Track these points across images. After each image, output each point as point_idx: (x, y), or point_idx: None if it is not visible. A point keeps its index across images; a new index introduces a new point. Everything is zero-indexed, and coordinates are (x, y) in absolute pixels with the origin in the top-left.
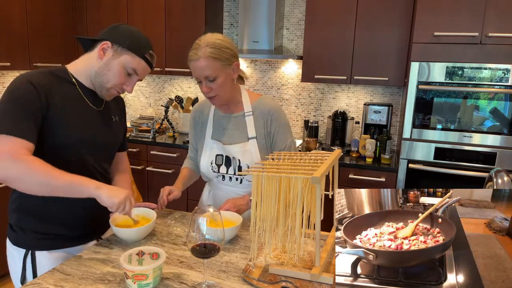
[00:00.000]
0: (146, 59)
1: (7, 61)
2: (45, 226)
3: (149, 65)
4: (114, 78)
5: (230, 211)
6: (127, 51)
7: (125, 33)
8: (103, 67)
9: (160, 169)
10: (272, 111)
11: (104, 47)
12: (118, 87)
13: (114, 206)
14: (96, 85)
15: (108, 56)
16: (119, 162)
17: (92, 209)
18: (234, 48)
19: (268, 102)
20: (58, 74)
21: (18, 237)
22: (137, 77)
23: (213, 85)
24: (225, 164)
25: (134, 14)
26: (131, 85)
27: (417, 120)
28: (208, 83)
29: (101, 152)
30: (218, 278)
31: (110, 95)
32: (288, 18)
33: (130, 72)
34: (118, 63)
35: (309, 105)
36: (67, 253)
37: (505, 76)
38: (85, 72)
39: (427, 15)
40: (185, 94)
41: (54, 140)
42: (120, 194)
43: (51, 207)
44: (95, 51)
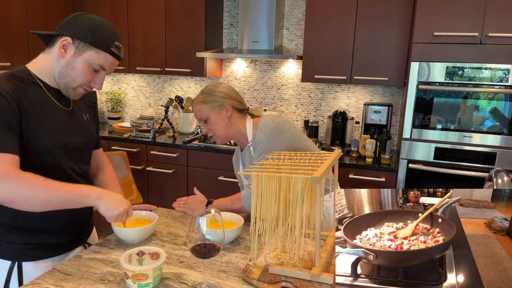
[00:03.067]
0: (113, 52)
1: (7, 61)
2: (32, 237)
3: (117, 58)
4: (80, 77)
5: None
6: (91, 47)
7: (86, 26)
8: (66, 66)
9: (160, 169)
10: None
11: (64, 43)
12: (86, 85)
13: (112, 218)
14: (61, 85)
15: (70, 54)
16: (97, 161)
17: (75, 214)
18: (227, 91)
19: (259, 129)
20: (21, 76)
21: (4, 249)
22: (105, 72)
23: (208, 125)
24: None
25: (134, 14)
26: (100, 81)
27: (417, 120)
28: (203, 124)
29: (77, 154)
30: (218, 278)
31: (77, 95)
32: (288, 18)
33: (96, 68)
34: (82, 61)
35: (309, 105)
36: (54, 263)
37: (505, 76)
38: (47, 72)
39: (427, 15)
40: (185, 94)
41: (29, 147)
42: (120, 207)
43: (34, 217)
44: (55, 48)
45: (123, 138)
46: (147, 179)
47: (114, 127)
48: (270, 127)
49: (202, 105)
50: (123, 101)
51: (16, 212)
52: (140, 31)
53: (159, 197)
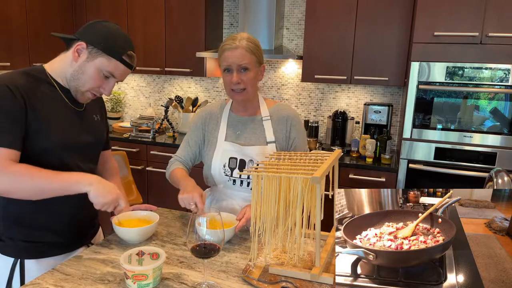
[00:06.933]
0: (124, 61)
1: (7, 61)
2: (34, 234)
3: (128, 67)
4: (89, 82)
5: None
6: (102, 54)
7: (100, 33)
8: (78, 70)
9: (160, 169)
10: (291, 117)
11: (78, 48)
12: (95, 90)
13: (98, 205)
14: (71, 88)
15: (83, 58)
16: (105, 162)
17: (80, 214)
18: (262, 52)
19: (286, 108)
20: (35, 75)
21: (6, 246)
22: (115, 80)
23: (244, 76)
24: (238, 167)
25: (134, 14)
26: (109, 88)
27: (417, 120)
28: (240, 73)
29: (86, 153)
30: (218, 278)
31: (86, 99)
32: (288, 18)
33: (106, 75)
34: (93, 66)
35: (309, 105)
36: (56, 261)
37: (505, 76)
38: (61, 73)
39: (427, 15)
40: (185, 94)
41: (36, 143)
42: (108, 195)
43: (38, 214)
44: (70, 51)
45: (123, 138)
46: (147, 179)
47: (114, 127)
48: (297, 112)
49: (249, 54)
50: (123, 101)
51: (19, 208)
52: (140, 31)
53: (159, 197)
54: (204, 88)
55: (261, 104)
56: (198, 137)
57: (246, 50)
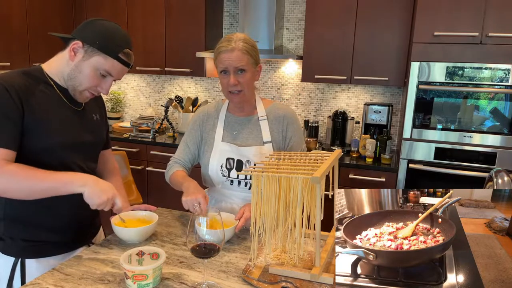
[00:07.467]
0: (120, 59)
1: (7, 61)
2: (34, 233)
3: (125, 65)
4: (86, 81)
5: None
6: (98, 52)
7: (97, 31)
8: (74, 69)
9: (160, 169)
10: (287, 116)
11: (74, 47)
12: (92, 89)
13: (94, 205)
14: (69, 87)
15: (79, 58)
16: (105, 161)
17: (80, 214)
18: (259, 52)
19: (282, 107)
20: (33, 75)
21: (7, 245)
22: (113, 78)
23: (241, 78)
24: (236, 168)
25: (134, 14)
26: (107, 87)
27: (417, 120)
28: (237, 75)
29: (86, 152)
30: (218, 278)
31: (84, 98)
32: (288, 18)
33: (103, 73)
34: (89, 65)
35: (309, 105)
36: (57, 261)
37: (505, 76)
38: (58, 72)
39: (427, 15)
40: (185, 94)
41: (36, 143)
42: (103, 195)
43: (39, 213)
44: (67, 51)
45: (123, 138)
46: (147, 179)
47: (114, 127)
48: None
49: (246, 55)
50: (123, 101)
51: (20, 207)
52: (140, 31)
53: (159, 197)
54: (204, 88)
55: (258, 103)
56: (196, 138)
57: (243, 51)
